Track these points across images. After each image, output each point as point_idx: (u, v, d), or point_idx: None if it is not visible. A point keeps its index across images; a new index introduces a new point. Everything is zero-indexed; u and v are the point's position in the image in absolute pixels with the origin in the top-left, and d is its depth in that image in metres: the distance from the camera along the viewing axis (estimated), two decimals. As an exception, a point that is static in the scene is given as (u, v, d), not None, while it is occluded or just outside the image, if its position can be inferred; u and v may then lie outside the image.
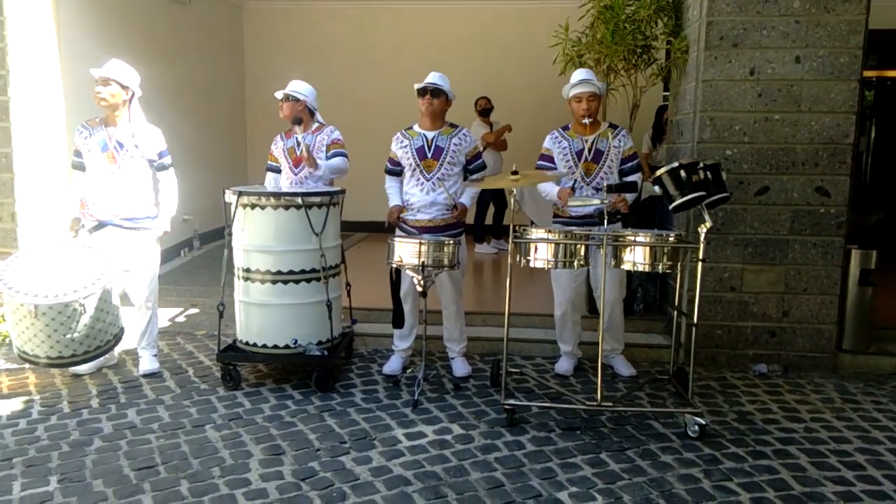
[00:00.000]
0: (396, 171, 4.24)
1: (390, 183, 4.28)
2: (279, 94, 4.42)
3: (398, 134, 4.23)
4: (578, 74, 4.06)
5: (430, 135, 4.14)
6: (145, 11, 6.60)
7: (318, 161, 4.31)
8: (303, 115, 4.38)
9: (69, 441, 3.33)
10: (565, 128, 4.17)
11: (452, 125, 4.21)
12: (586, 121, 3.97)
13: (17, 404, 3.75)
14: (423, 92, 4.09)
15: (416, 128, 4.20)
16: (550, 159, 4.15)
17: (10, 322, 3.84)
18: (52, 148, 5.10)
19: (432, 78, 4.11)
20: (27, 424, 3.51)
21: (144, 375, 4.17)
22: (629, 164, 4.10)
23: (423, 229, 4.11)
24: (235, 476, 3.01)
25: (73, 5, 5.42)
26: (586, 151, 4.05)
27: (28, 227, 5.01)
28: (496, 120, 7.52)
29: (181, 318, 5.35)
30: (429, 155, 4.11)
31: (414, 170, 4.13)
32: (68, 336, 3.78)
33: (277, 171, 4.51)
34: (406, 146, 4.15)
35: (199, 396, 3.90)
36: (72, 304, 3.72)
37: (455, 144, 4.14)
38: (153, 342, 4.30)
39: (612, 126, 4.15)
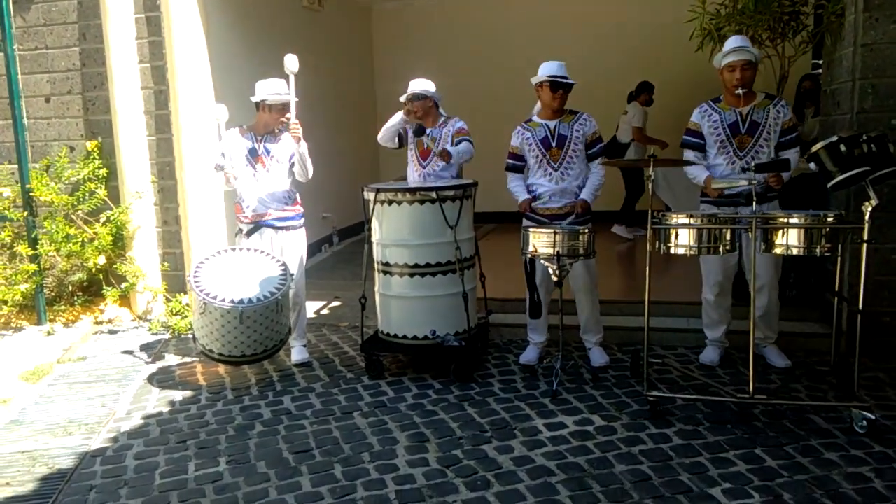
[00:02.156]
0: (518, 166, 4.20)
1: (513, 182, 4.23)
2: (404, 98, 4.53)
3: (518, 128, 4.19)
4: (732, 42, 3.80)
5: (551, 124, 4.08)
6: (284, 19, 6.99)
7: (449, 149, 4.37)
8: (431, 111, 4.49)
9: (234, 425, 3.61)
10: (716, 100, 3.94)
11: (572, 111, 4.13)
12: (739, 91, 3.70)
13: (188, 392, 4.12)
14: (555, 87, 4.01)
15: (536, 118, 4.15)
16: (698, 135, 3.93)
17: (204, 326, 4.10)
18: (208, 155, 5.52)
19: (559, 70, 4.00)
20: (197, 410, 3.85)
21: (296, 365, 4.45)
22: (788, 137, 3.80)
23: (555, 217, 4.06)
24: (384, 461, 3.14)
25: (222, 21, 5.84)
26: (740, 123, 3.81)
27: (192, 229, 5.48)
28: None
29: (325, 311, 5.64)
30: (553, 144, 4.06)
31: (540, 161, 4.09)
32: (262, 335, 4.07)
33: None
34: (529, 138, 4.11)
35: (346, 385, 4.09)
36: (270, 305, 4.02)
37: (577, 130, 4.06)
38: (303, 333, 4.57)
39: (770, 96, 3.87)
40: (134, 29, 5.35)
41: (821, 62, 4.92)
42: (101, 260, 5.37)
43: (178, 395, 4.07)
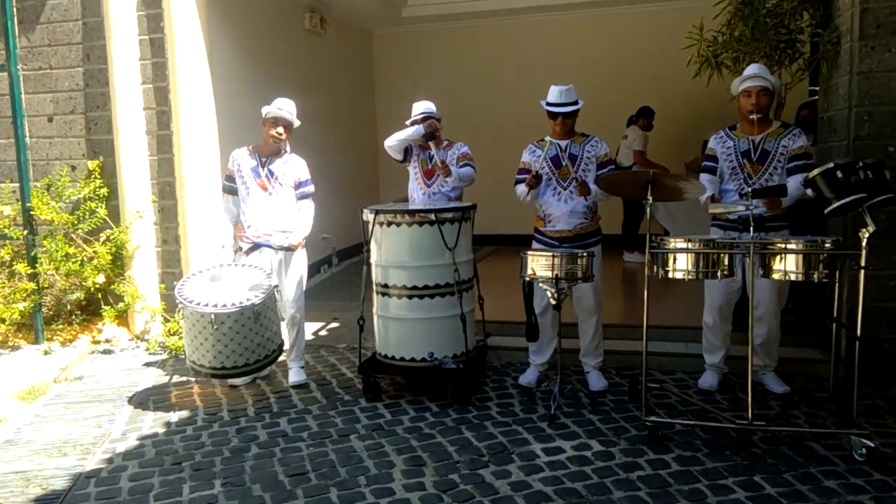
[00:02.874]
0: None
1: (521, 187, 4.21)
2: (410, 122, 4.57)
3: (530, 145, 4.24)
4: (750, 69, 3.87)
5: (563, 143, 4.12)
6: (285, 43, 7.07)
7: (450, 167, 4.43)
8: (438, 133, 4.54)
9: (230, 447, 3.59)
10: (732, 127, 4.00)
11: (584, 134, 4.17)
12: (753, 116, 3.74)
13: (184, 413, 4.10)
14: (554, 116, 4.06)
15: (548, 138, 4.19)
16: (713, 159, 3.99)
17: (186, 334, 4.20)
18: (209, 175, 5.56)
19: (560, 97, 4.04)
20: (193, 431, 3.82)
21: (293, 386, 4.43)
22: (795, 164, 3.81)
23: (564, 240, 4.07)
24: (380, 485, 3.12)
25: (225, 43, 5.91)
26: (752, 151, 3.85)
27: (192, 248, 5.49)
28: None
29: (323, 332, 5.63)
30: (563, 163, 4.09)
31: (549, 179, 4.11)
32: (241, 346, 4.08)
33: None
34: (540, 156, 4.14)
35: (343, 407, 4.07)
36: (246, 311, 4.02)
37: (588, 151, 4.10)
38: (300, 355, 4.56)
39: (785, 125, 3.92)
40: (138, 50, 5.41)
41: (817, 89, 4.97)
42: (100, 279, 5.37)
43: (174, 416, 4.05)
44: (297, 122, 4.40)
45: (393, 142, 4.59)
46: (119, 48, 5.35)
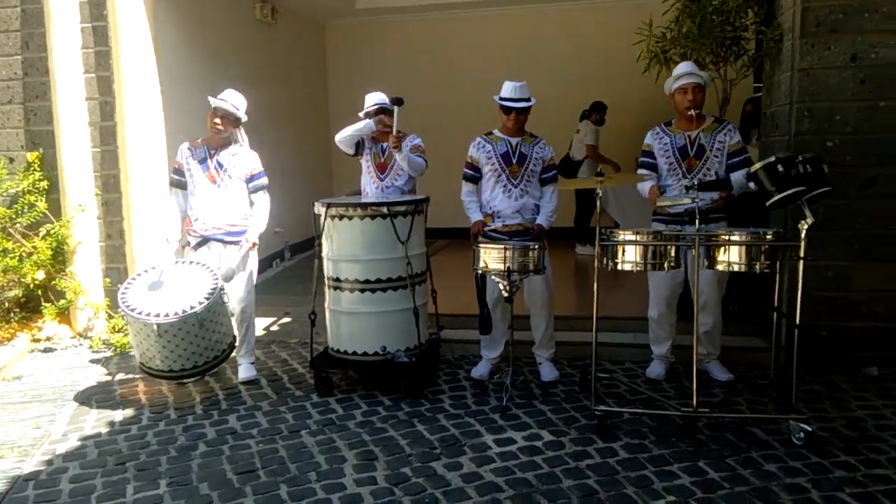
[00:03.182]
0: (476, 177, 4.23)
1: (468, 196, 4.24)
2: (363, 113, 4.54)
3: (478, 139, 4.23)
4: (682, 67, 3.95)
5: (513, 141, 4.14)
6: (236, 33, 6.92)
7: (404, 152, 4.42)
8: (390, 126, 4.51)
9: (176, 446, 3.51)
10: (668, 123, 4.07)
11: (532, 135, 4.19)
12: (692, 112, 3.82)
13: (128, 411, 3.99)
14: (508, 111, 4.07)
15: (497, 133, 4.19)
16: (651, 155, 4.05)
17: (132, 338, 4.09)
18: (155, 167, 5.41)
19: (515, 92, 4.05)
20: (138, 430, 3.72)
21: (243, 383, 4.35)
22: (735, 160, 3.91)
23: (514, 234, 4.09)
24: (331, 481, 3.09)
25: (171, 32, 5.75)
26: (689, 147, 3.93)
27: (137, 243, 5.34)
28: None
29: (275, 327, 5.55)
30: (514, 161, 4.11)
31: (499, 175, 4.12)
32: (188, 351, 3.99)
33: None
34: (490, 151, 4.15)
35: (295, 403, 4.02)
36: (189, 319, 3.92)
37: (536, 153, 4.12)
38: (251, 350, 4.48)
39: (718, 121, 4.01)
40: (80, 38, 5.23)
41: (761, 85, 5.11)
42: (40, 275, 5.19)
43: (118, 415, 3.94)
44: (241, 115, 4.28)
45: (344, 136, 4.54)
46: (60, 36, 5.16)
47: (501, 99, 4.07)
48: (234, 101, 4.26)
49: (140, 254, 5.31)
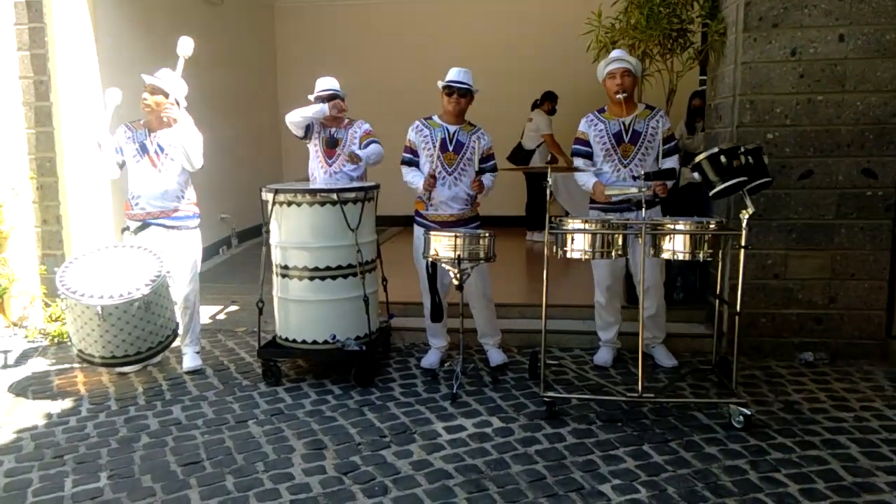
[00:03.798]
0: (414, 161, 4.20)
1: (410, 173, 4.20)
2: (314, 97, 4.46)
3: (417, 122, 4.21)
4: (613, 54, 4.05)
5: (451, 128, 4.13)
6: (179, 12, 6.69)
7: (358, 153, 4.37)
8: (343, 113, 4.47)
9: (117, 438, 3.41)
10: (601, 110, 4.11)
11: (471, 124, 4.19)
12: (620, 96, 3.89)
13: (67, 403, 3.85)
14: (450, 91, 4.06)
15: (437, 119, 4.18)
16: (585, 143, 4.09)
17: (71, 324, 3.94)
18: (94, 150, 5.20)
19: (459, 76, 4.06)
20: (77, 422, 3.60)
21: (188, 372, 4.25)
22: (668, 146, 4.00)
23: (445, 224, 4.08)
24: (279, 471, 3.05)
25: (111, 10, 5.52)
26: (623, 133, 3.99)
27: (74, 229, 5.14)
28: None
29: (221, 316, 5.44)
30: (450, 148, 4.10)
31: (434, 162, 4.10)
32: (132, 335, 3.87)
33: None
34: (427, 136, 4.13)
35: (242, 392, 3.95)
36: (135, 302, 3.80)
37: (474, 142, 4.11)
38: (196, 340, 4.38)
39: (650, 107, 4.08)
40: (12, 14, 4.97)
41: (706, 78, 5.22)
42: (-29, 262, 4.95)
43: (56, 406, 3.80)
44: (171, 91, 4.06)
45: (296, 118, 4.43)
46: (-11, 10, 4.91)
47: (448, 82, 4.06)
48: (166, 81, 4.08)
49: (78, 240, 5.12)
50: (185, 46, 4.03)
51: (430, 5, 8.90)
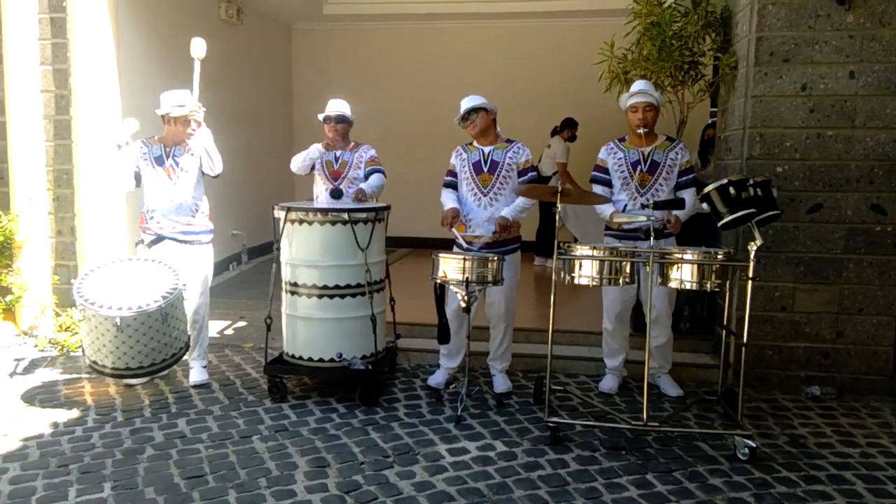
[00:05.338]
0: (453, 182, 4.27)
1: (446, 194, 4.27)
2: (323, 117, 4.54)
3: (459, 147, 4.31)
4: (636, 85, 4.06)
5: (486, 149, 4.19)
6: (200, 31, 6.77)
7: (364, 188, 4.43)
8: (346, 135, 4.54)
9: (122, 449, 3.42)
10: (621, 139, 4.16)
11: (509, 140, 4.25)
12: (641, 131, 3.94)
13: (73, 413, 3.88)
14: (465, 120, 4.15)
15: (475, 143, 4.25)
16: (605, 171, 4.13)
17: (86, 335, 3.96)
18: (110, 164, 5.28)
19: (466, 103, 4.15)
20: (83, 432, 3.62)
21: (194, 386, 4.27)
22: (685, 178, 4.04)
23: (484, 245, 4.10)
24: (281, 487, 3.06)
25: (132, 28, 5.65)
26: (642, 163, 4.02)
27: (88, 240, 5.20)
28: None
29: (229, 331, 5.47)
30: (485, 169, 4.15)
31: (470, 184, 4.16)
32: (147, 347, 3.90)
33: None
34: (464, 159, 4.21)
35: (247, 408, 3.97)
36: (152, 314, 3.84)
37: (510, 158, 4.17)
38: (203, 354, 4.41)
39: (670, 139, 4.12)
40: (37, 29, 5.09)
41: (717, 110, 5.27)
42: (-16, 270, 5.02)
43: (63, 415, 3.83)
44: (173, 112, 4.16)
45: (299, 163, 4.60)
46: (14, 26, 5.02)
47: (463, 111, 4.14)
48: (190, 102, 4.18)
49: (92, 252, 5.18)
50: (199, 47, 4.12)
51: (447, 31, 8.99)
